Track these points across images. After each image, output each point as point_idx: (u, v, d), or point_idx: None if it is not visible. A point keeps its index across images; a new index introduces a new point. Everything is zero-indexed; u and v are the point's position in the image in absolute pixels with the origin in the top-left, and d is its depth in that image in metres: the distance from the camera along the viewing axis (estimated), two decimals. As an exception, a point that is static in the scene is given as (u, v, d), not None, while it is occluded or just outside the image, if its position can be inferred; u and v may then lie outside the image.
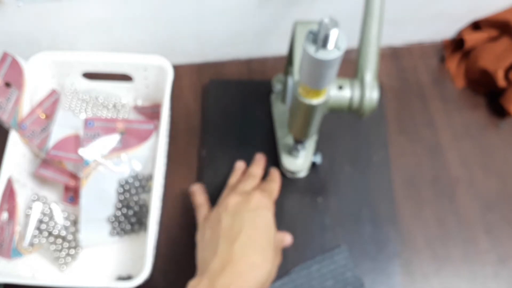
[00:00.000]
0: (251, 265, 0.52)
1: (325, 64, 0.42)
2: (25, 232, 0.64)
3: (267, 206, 0.58)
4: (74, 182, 0.67)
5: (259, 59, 0.82)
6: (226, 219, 0.55)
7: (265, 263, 0.53)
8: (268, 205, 0.58)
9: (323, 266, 0.65)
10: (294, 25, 0.59)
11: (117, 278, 0.65)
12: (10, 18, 0.66)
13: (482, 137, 0.76)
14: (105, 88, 0.74)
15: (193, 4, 0.68)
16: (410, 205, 0.70)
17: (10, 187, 0.63)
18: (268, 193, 0.61)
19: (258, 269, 0.52)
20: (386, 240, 0.67)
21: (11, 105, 0.64)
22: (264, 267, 0.53)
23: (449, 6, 0.75)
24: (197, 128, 0.76)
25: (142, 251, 0.61)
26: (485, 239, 0.68)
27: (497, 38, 0.77)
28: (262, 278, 0.52)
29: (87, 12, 0.67)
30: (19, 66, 0.65)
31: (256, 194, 0.58)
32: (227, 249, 0.52)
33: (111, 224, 0.67)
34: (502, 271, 0.67)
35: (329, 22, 0.39)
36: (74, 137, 0.67)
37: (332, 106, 0.53)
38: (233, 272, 0.50)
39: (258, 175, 0.66)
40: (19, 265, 0.63)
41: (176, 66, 0.79)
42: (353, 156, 0.72)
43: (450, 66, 0.81)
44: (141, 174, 0.69)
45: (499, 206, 0.71)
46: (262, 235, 0.55)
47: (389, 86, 0.79)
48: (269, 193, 0.61)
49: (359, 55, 0.53)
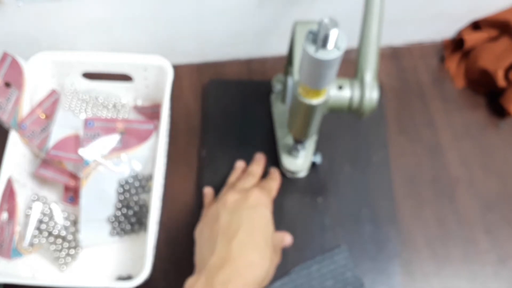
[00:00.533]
0: (248, 263, 0.52)
1: (325, 64, 0.42)
2: (25, 232, 0.65)
3: (265, 204, 0.58)
4: (74, 182, 0.68)
5: (259, 59, 0.82)
6: (224, 216, 0.56)
7: (262, 261, 0.53)
8: (267, 203, 0.59)
9: (323, 266, 0.65)
10: (294, 25, 0.59)
11: (117, 278, 0.65)
12: (10, 18, 0.66)
13: (482, 137, 0.76)
14: (105, 88, 0.74)
15: (193, 4, 0.68)
16: (410, 205, 0.70)
17: (10, 187, 0.63)
18: (267, 191, 0.61)
19: (256, 267, 0.52)
20: (386, 240, 0.67)
21: (11, 105, 0.64)
22: (262, 265, 0.53)
23: (449, 6, 0.75)
24: (197, 128, 0.76)
25: (142, 251, 0.61)
26: (485, 239, 0.69)
27: (497, 38, 0.77)
28: (260, 276, 0.52)
29: (87, 12, 0.67)
30: (19, 66, 0.66)
31: (255, 192, 0.59)
32: (225, 247, 0.52)
33: (111, 224, 0.67)
34: (502, 271, 0.67)
35: (329, 22, 0.39)
36: (74, 137, 0.67)
37: (332, 106, 0.53)
38: (231, 269, 0.51)
39: (258, 174, 0.67)
40: (19, 265, 0.63)
41: (176, 66, 0.79)
42: (353, 156, 0.72)
43: (450, 66, 0.81)
44: (141, 174, 0.69)
45: (499, 206, 0.71)
46: (260, 233, 0.55)
47: (389, 86, 0.80)
48: (268, 191, 0.62)
49: (359, 55, 0.54)
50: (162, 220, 0.69)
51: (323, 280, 0.64)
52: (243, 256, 0.52)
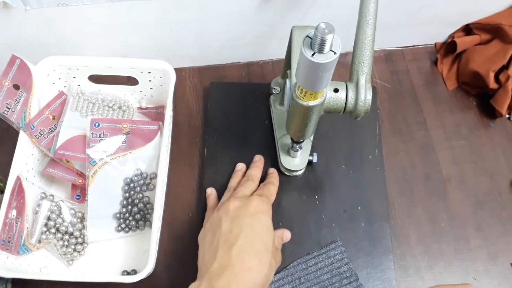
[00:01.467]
0: (247, 269, 0.53)
1: (321, 67, 0.43)
2: (33, 229, 0.66)
3: (265, 211, 0.60)
4: (81, 181, 0.69)
5: (259, 63, 0.83)
6: (225, 223, 0.57)
7: (261, 267, 0.54)
8: (266, 209, 0.60)
9: (320, 260, 0.66)
10: (291, 30, 0.59)
11: (122, 272, 0.67)
12: (18, 22, 0.67)
13: (473, 137, 0.77)
14: (111, 91, 0.75)
15: (195, 10, 0.69)
16: (403, 202, 0.72)
17: (19, 185, 0.64)
18: (267, 197, 0.63)
19: (255, 273, 0.54)
20: (380, 236, 0.68)
21: (20, 106, 0.65)
22: (260, 270, 0.54)
23: (441, 11, 0.77)
24: (199, 129, 0.77)
25: (146, 247, 0.62)
26: (476, 236, 0.70)
27: (488, 42, 0.78)
28: (259, 281, 0.53)
29: (93, 17, 0.68)
30: (27, 68, 0.66)
31: (255, 200, 0.60)
32: (226, 254, 0.54)
33: (117, 220, 0.68)
34: (492, 267, 0.68)
35: (325, 27, 0.40)
36: (81, 137, 0.68)
37: (328, 107, 0.54)
38: (231, 275, 0.52)
39: (257, 178, 0.68)
40: (27, 261, 0.65)
41: (179, 69, 0.80)
42: (348, 155, 0.73)
43: (442, 69, 0.82)
44: (146, 173, 0.70)
45: (490, 203, 0.72)
46: (260, 239, 0.56)
47: (383, 88, 0.81)
48: (267, 197, 0.63)
49: (353, 59, 0.55)
50: (166, 217, 0.70)
51: (320, 274, 0.65)
52: (242, 262, 0.53)
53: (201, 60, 0.82)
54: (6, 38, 0.70)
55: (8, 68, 0.65)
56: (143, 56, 0.70)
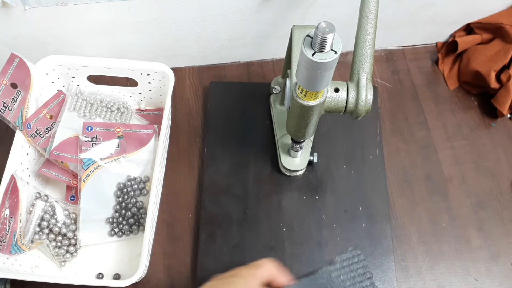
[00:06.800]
0: None
1: (321, 66, 0.43)
2: (26, 229, 0.65)
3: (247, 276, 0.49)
4: (76, 182, 0.68)
5: (259, 62, 0.83)
6: None
7: None
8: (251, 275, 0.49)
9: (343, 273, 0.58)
10: (292, 29, 0.59)
11: (114, 276, 0.66)
12: (17, 21, 0.67)
13: (474, 137, 0.77)
14: (109, 92, 0.75)
15: (195, 10, 0.69)
16: (404, 203, 0.72)
17: (13, 184, 0.63)
18: None
19: None
20: (381, 236, 0.68)
21: (17, 105, 0.65)
22: None
23: (442, 10, 0.76)
24: (199, 128, 0.77)
25: (140, 251, 0.61)
26: (477, 236, 0.70)
27: (489, 41, 0.78)
28: None
29: (92, 16, 0.68)
30: (26, 67, 0.66)
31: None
32: None
33: (110, 225, 0.68)
34: (493, 267, 0.68)
35: (325, 26, 0.40)
36: (77, 138, 0.68)
37: (328, 107, 0.54)
38: None
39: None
40: (19, 261, 0.64)
41: (179, 68, 0.80)
42: (349, 155, 0.73)
43: (443, 68, 0.82)
44: (139, 177, 0.70)
45: (491, 203, 0.72)
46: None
47: (384, 87, 0.81)
48: None
49: (354, 58, 0.55)
50: (165, 217, 0.70)
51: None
52: None
53: (201, 60, 0.82)
54: (5, 37, 0.70)
55: (6, 67, 0.64)
56: (142, 55, 0.71)
